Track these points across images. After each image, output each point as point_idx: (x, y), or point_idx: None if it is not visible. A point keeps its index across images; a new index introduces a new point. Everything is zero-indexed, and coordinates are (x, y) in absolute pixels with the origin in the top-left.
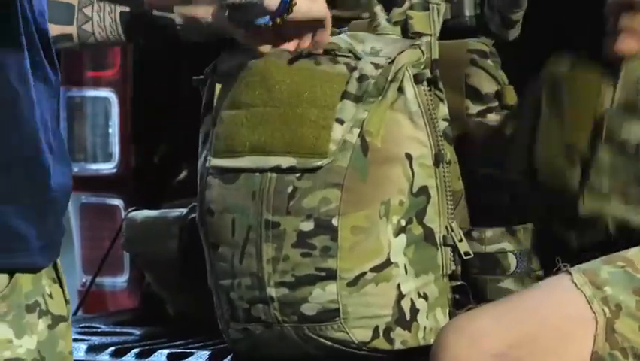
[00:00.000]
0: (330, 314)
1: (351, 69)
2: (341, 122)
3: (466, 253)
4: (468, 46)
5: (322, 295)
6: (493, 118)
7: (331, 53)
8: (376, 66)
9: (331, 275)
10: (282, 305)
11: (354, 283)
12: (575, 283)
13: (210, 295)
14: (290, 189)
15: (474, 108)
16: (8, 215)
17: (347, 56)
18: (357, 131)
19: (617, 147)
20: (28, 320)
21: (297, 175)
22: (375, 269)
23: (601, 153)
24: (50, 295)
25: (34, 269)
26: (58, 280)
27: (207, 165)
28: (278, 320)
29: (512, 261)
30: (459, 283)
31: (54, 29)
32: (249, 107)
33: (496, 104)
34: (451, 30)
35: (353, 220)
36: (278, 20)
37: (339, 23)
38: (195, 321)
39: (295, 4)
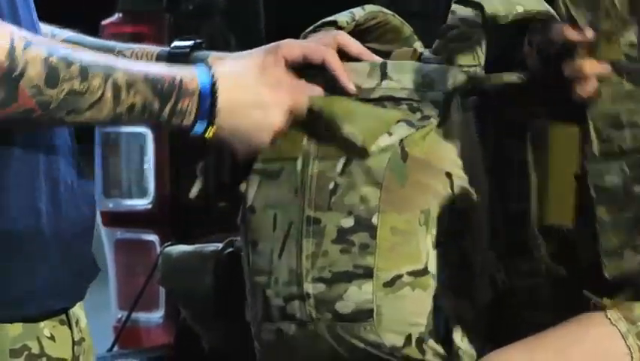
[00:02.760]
0: (364, 314)
1: (414, 110)
2: (390, 134)
3: (503, 282)
4: (504, 80)
5: (358, 293)
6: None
7: (393, 99)
8: (436, 104)
9: (368, 273)
10: (317, 302)
11: (390, 284)
12: (610, 319)
13: (246, 331)
14: (332, 185)
15: (509, 142)
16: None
17: (409, 99)
18: (398, 139)
19: (608, 199)
20: None
21: (339, 171)
22: (412, 274)
23: (599, 214)
24: (52, 338)
25: (43, 317)
26: (67, 322)
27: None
28: (312, 318)
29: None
30: (495, 312)
31: None
32: None
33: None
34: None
35: (392, 221)
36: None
37: (378, 55)
38: (230, 357)
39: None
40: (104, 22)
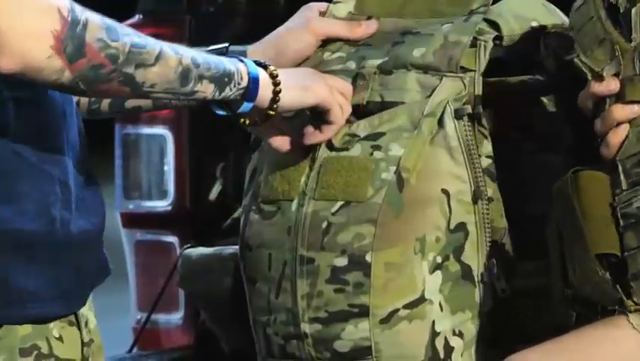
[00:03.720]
0: (362, 352)
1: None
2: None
3: (503, 291)
4: (524, 83)
5: (355, 332)
6: (548, 158)
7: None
8: (430, 114)
9: (364, 312)
10: (315, 342)
11: (386, 320)
12: (632, 324)
13: None
14: (324, 224)
15: (528, 146)
16: (10, 265)
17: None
18: (393, 168)
19: (635, 225)
20: None
21: (332, 211)
22: (408, 306)
23: (627, 240)
24: (60, 339)
25: (47, 319)
26: (76, 323)
27: (250, 206)
28: (312, 357)
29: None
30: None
31: None
32: None
33: (553, 143)
34: (502, 67)
35: (387, 256)
36: (270, 112)
37: None
38: (250, 358)
39: (279, 95)
40: (124, 24)
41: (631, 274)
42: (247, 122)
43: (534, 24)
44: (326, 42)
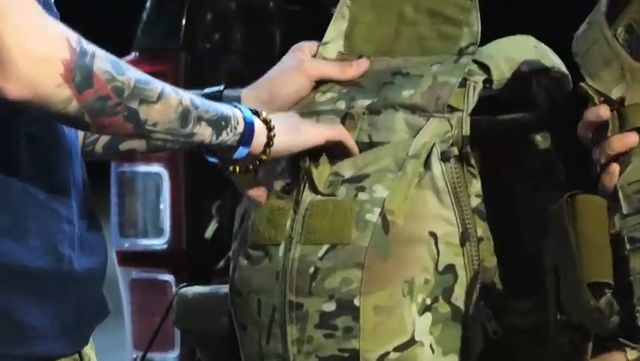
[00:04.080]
0: None
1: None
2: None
3: (494, 332)
4: (516, 122)
5: None
6: (542, 196)
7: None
8: (416, 156)
9: (354, 356)
10: None
11: None
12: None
13: None
14: (312, 269)
15: (522, 185)
16: (15, 301)
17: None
18: (377, 210)
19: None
20: None
21: (319, 255)
22: (398, 348)
23: (633, 265)
24: None
25: (52, 357)
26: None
27: (239, 251)
28: None
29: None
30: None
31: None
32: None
33: (545, 181)
34: (493, 105)
35: (375, 300)
36: (263, 157)
37: None
38: None
39: (272, 140)
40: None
41: (637, 298)
42: (238, 169)
43: (523, 68)
44: (318, 83)
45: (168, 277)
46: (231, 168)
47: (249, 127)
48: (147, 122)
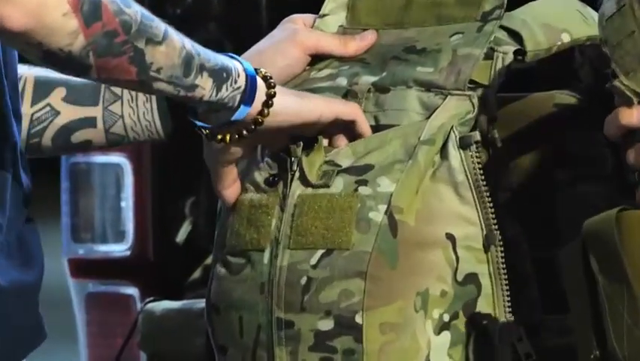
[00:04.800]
0: None
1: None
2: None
3: (527, 355)
4: (554, 99)
5: None
6: (584, 189)
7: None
8: (429, 142)
9: None
10: None
11: None
12: None
13: None
14: (304, 280)
15: (561, 175)
16: None
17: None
18: (383, 207)
19: None
20: None
21: (312, 263)
22: None
23: None
24: None
25: None
26: None
27: (218, 257)
28: None
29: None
30: None
31: (71, 113)
32: None
33: (588, 171)
34: (526, 80)
35: (382, 316)
36: (259, 119)
37: None
38: None
39: (272, 99)
40: None
41: None
42: (229, 137)
43: (565, 37)
44: (314, 60)
45: (132, 291)
46: (220, 137)
47: (252, 81)
48: (152, 67)
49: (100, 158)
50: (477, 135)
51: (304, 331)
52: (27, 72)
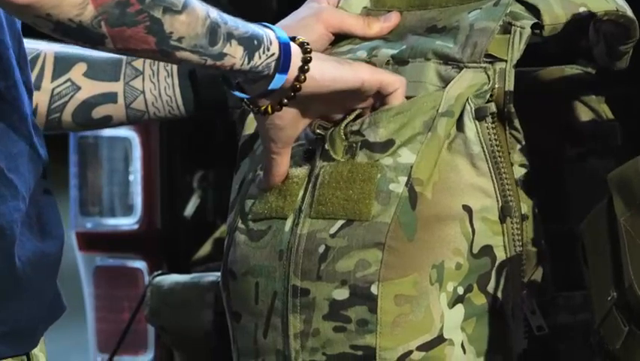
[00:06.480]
0: None
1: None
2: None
3: (539, 328)
4: (564, 73)
5: None
6: (594, 163)
7: None
8: (447, 114)
9: (369, 355)
10: None
11: None
12: None
13: None
14: (322, 249)
15: (571, 150)
16: None
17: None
18: (403, 179)
19: None
20: None
21: (331, 232)
22: (423, 347)
23: None
24: None
25: None
26: None
27: (236, 224)
28: None
29: None
30: None
31: (92, 88)
32: None
33: (598, 145)
34: (537, 55)
35: (397, 288)
36: (296, 85)
37: None
38: None
39: (308, 64)
40: None
41: None
42: (270, 108)
43: (582, 10)
44: (336, 40)
45: (140, 264)
46: (263, 108)
47: (285, 48)
48: (172, 36)
49: (108, 132)
50: (492, 107)
51: (319, 299)
52: (47, 48)
